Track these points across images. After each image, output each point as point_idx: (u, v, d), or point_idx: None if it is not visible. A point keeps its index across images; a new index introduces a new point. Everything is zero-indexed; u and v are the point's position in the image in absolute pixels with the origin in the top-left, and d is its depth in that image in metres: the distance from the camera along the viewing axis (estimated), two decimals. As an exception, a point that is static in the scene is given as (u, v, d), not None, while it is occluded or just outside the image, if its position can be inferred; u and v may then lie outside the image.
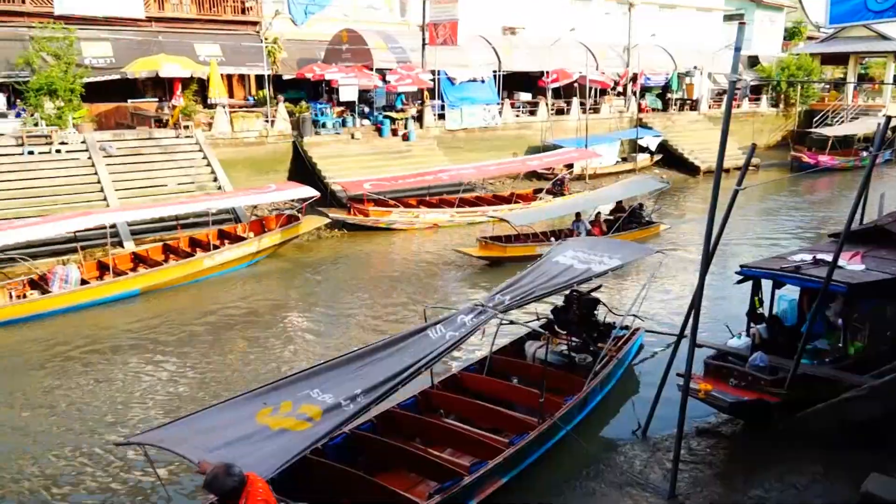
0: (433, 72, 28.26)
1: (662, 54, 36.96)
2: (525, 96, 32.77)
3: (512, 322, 9.43)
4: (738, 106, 38.34)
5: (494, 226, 18.33)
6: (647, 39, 35.93)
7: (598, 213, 19.81)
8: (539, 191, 24.46)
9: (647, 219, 20.04)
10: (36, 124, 20.12)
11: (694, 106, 37.38)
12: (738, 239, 19.65)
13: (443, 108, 28.66)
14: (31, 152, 19.36)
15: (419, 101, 28.36)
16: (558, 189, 24.55)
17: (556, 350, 10.38)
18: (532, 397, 8.80)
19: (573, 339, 10.56)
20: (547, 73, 31.68)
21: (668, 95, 37.17)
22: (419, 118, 27.61)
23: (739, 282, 9.78)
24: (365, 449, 7.97)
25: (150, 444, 5.67)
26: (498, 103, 30.13)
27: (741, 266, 9.57)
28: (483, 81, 30.17)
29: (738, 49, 7.08)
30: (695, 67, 37.21)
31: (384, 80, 27.22)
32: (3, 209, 17.48)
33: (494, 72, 30.78)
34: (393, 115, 27.04)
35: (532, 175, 27.64)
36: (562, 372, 9.81)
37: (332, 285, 16.47)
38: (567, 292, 10.71)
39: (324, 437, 6.01)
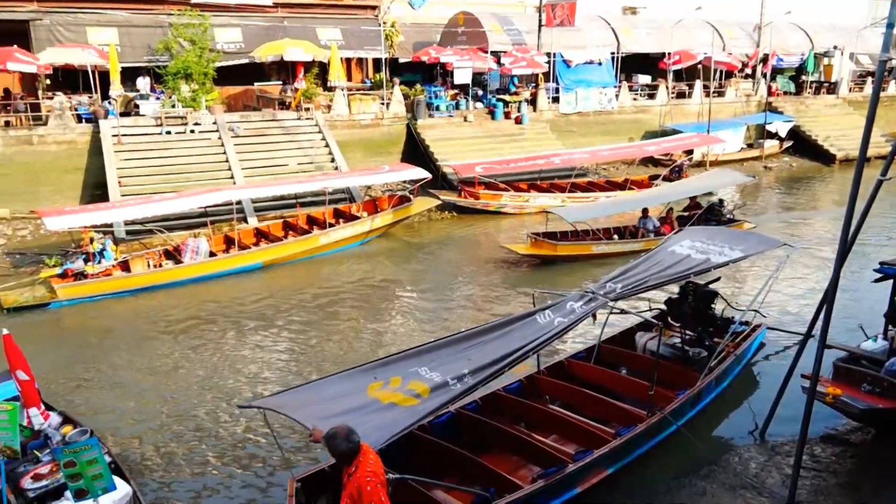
0: (548, 54, 27.81)
1: (797, 33, 34.44)
2: (644, 79, 31.60)
3: (623, 311, 9.17)
4: (885, 89, 35.14)
5: (549, 219, 16.89)
6: (782, 17, 33.56)
7: (671, 209, 17.80)
8: (655, 177, 23.57)
9: (727, 216, 17.73)
10: (173, 106, 21.62)
11: (831, 89, 34.62)
12: (877, 234, 18.09)
13: (557, 91, 28.19)
14: (168, 132, 20.85)
15: (533, 84, 28.01)
16: (676, 176, 23.55)
17: (669, 342, 10.01)
18: (641, 389, 8.55)
19: (687, 332, 10.15)
20: (668, 54, 30.37)
21: (803, 78, 34.62)
22: (532, 101, 27.29)
23: (878, 280, 9.02)
24: (469, 429, 8.06)
25: (269, 409, 6.00)
26: (615, 86, 29.25)
27: (881, 263, 8.81)
28: (600, 64, 29.36)
29: (890, 26, 6.45)
30: (834, 47, 34.44)
31: (499, 63, 27.10)
32: (143, 185, 18.99)
33: (612, 53, 29.87)
34: (506, 98, 26.89)
35: (648, 161, 26.70)
36: (674, 365, 9.46)
37: (441, 266, 16.69)
38: (682, 283, 10.29)
39: (431, 414, 6.13)
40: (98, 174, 19.54)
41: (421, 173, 18.84)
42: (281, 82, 26.64)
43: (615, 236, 16.93)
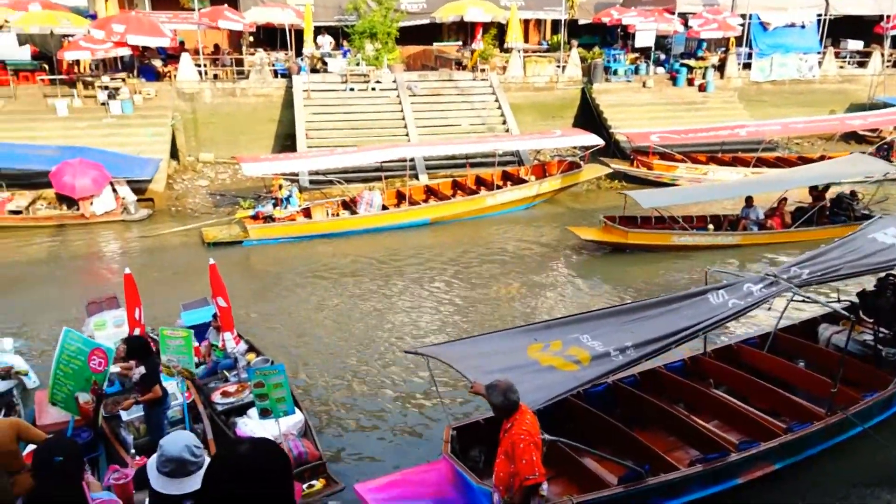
0: (743, 16, 25.62)
1: None
2: (854, 44, 28.16)
3: (806, 300, 8.43)
4: None
5: (628, 202, 14.67)
6: None
7: (784, 199, 15.28)
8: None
9: (861, 211, 14.89)
10: (357, 64, 22.72)
11: None
12: None
13: (749, 56, 25.97)
14: (352, 89, 21.98)
15: (723, 49, 26.03)
16: (884, 154, 20.93)
17: (859, 338, 9.06)
18: (821, 385, 7.87)
19: (881, 329, 9.13)
20: (888, 17, 26.76)
21: None
22: (720, 67, 25.39)
23: None
24: (625, 402, 7.91)
25: (434, 357, 6.29)
26: (819, 52, 26.37)
27: None
28: (803, 27, 26.53)
29: None
30: None
31: (686, 25, 25.42)
32: (327, 138, 20.26)
33: (819, 16, 26.86)
34: (691, 63, 25.26)
35: (850, 137, 23.94)
36: (863, 364, 8.58)
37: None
38: (882, 275, 9.23)
39: (590, 382, 6.10)
40: (289, 126, 21.14)
41: (593, 140, 18.36)
42: (459, 43, 26.97)
43: (710, 226, 15.17)
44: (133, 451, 6.94)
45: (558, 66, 24.38)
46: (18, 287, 13.30)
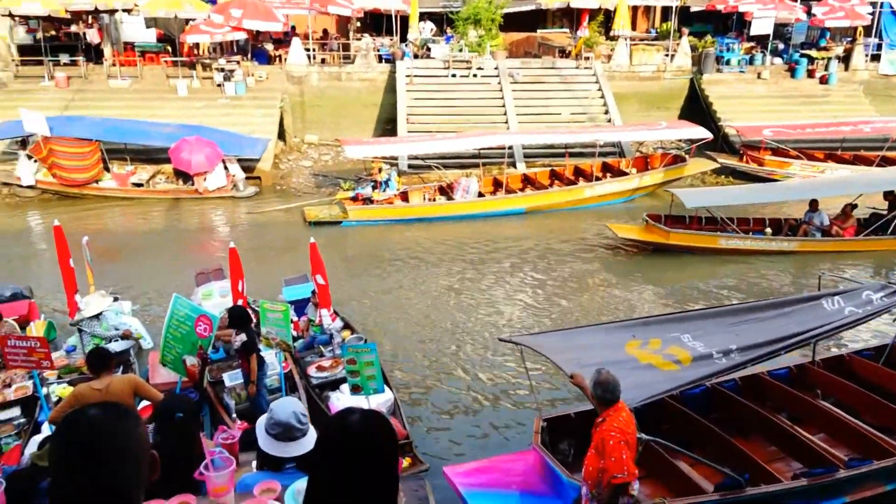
0: (874, 3, 23.76)
1: None
2: None
3: (935, 313, 7.76)
4: None
5: (673, 201, 13.80)
6: None
7: (851, 204, 13.92)
8: None
9: None
10: (460, 50, 22.76)
11: None
12: None
13: (879, 47, 24.08)
14: (453, 75, 22.06)
15: (848, 39, 24.25)
16: None
17: None
18: (947, 406, 7.25)
19: None
20: None
21: None
22: (845, 59, 23.69)
23: None
24: (723, 407, 7.57)
25: (529, 347, 6.25)
26: (960, 44, 24.12)
27: None
28: (943, 15, 24.35)
29: None
30: None
31: (809, 13, 23.85)
32: (427, 123, 20.46)
33: (963, 3, 24.53)
34: (812, 53, 23.70)
35: None
36: None
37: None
38: None
39: (691, 384, 5.88)
40: (390, 110, 21.49)
41: (701, 132, 17.59)
42: (564, 30, 26.50)
43: (768, 230, 14.09)
44: (234, 415, 7.32)
45: (666, 55, 23.50)
46: (137, 254, 14.26)
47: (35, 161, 17.32)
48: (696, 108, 22.54)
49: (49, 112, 17.86)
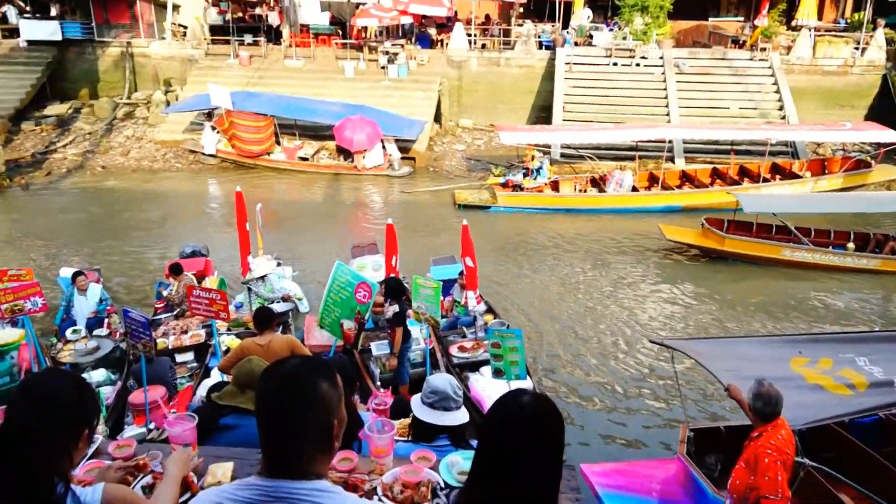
0: None
1: None
2: None
3: None
4: None
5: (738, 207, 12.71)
6: None
7: None
8: None
9: None
10: (624, 38, 21.99)
11: None
12: None
13: None
14: (615, 64, 21.39)
15: None
16: None
17: None
18: None
19: None
20: None
21: None
22: None
23: None
24: (898, 442, 6.81)
25: (681, 351, 5.96)
26: None
27: None
28: None
29: None
30: None
31: None
32: (584, 112, 20.03)
33: None
34: None
35: None
36: None
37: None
38: None
39: (865, 412, 5.34)
40: (546, 98, 21.26)
41: (891, 136, 15.80)
42: (740, 18, 24.79)
43: (850, 244, 12.30)
44: (378, 383, 7.63)
45: (856, 48, 21.28)
46: (299, 223, 15.22)
47: (218, 132, 18.97)
48: (889, 108, 20.24)
49: (232, 88, 19.44)
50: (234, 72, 22.05)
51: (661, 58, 21.24)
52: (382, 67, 21.86)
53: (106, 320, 8.92)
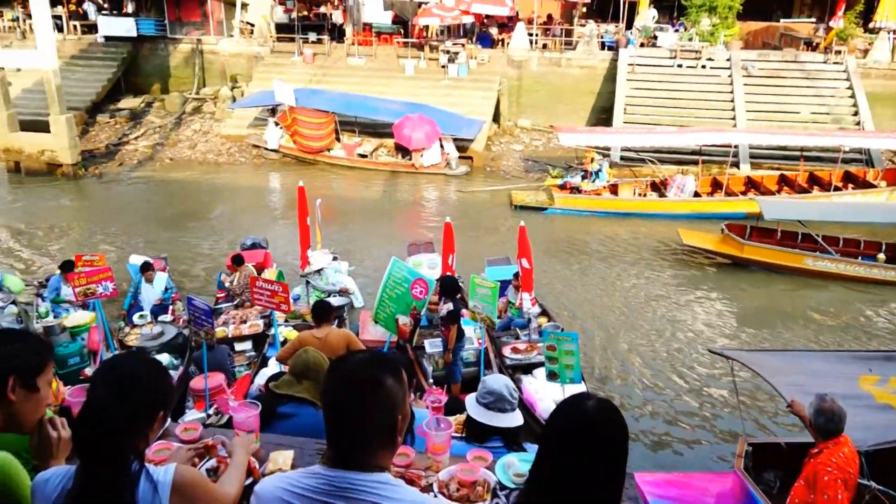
0: None
1: None
2: None
3: None
4: None
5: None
6: None
7: None
8: None
9: None
10: (690, 39, 21.48)
11: None
12: None
13: None
14: (679, 65, 20.91)
15: None
16: None
17: None
18: None
19: None
20: None
21: None
22: None
23: None
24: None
25: (741, 363, 5.79)
26: None
27: None
28: None
29: None
30: None
31: None
32: (646, 114, 19.67)
33: None
34: None
35: None
36: None
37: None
38: None
39: (940, 435, 5.07)
40: (607, 99, 20.95)
41: (977, 145, 14.98)
42: (813, 20, 23.89)
43: (882, 255, 11.65)
44: (430, 380, 7.67)
45: (941, 53, 20.24)
46: (355, 219, 15.43)
47: (280, 128, 19.41)
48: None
49: (296, 85, 19.85)
50: (298, 69, 22.50)
51: (728, 60, 20.65)
52: (443, 66, 21.94)
53: (170, 307, 9.25)
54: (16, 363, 1.89)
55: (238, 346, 8.54)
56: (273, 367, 7.35)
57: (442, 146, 18.61)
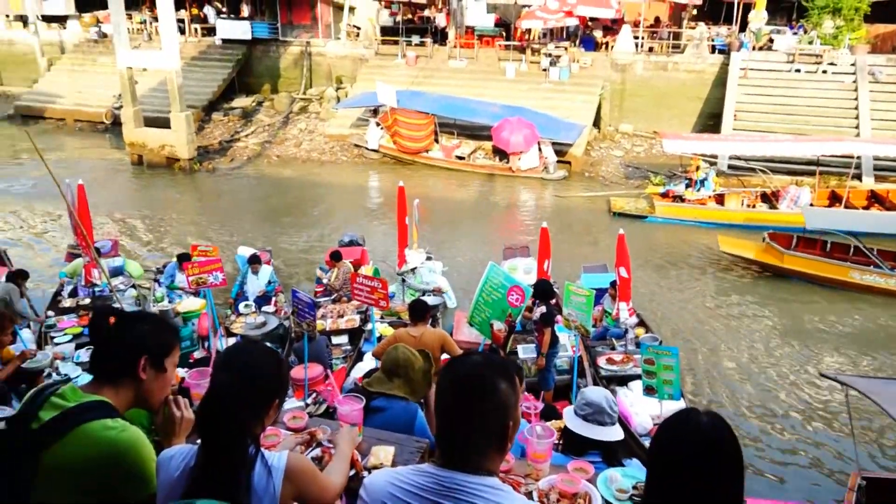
0: None
1: None
2: None
3: None
4: None
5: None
6: None
7: None
8: None
9: None
10: (810, 42, 20.27)
11: None
12: None
13: None
14: (797, 70, 19.77)
15: None
16: None
17: None
18: None
19: None
20: None
21: None
22: None
23: None
24: None
25: (860, 391, 5.38)
26: None
27: None
28: None
29: None
30: None
31: None
32: (758, 121, 18.73)
33: None
34: None
35: None
36: None
37: None
38: None
39: None
40: (715, 105, 20.11)
41: None
42: (952, 23, 22.00)
43: None
44: (522, 386, 7.59)
45: None
46: (450, 220, 15.54)
47: (381, 128, 19.84)
48: None
49: (398, 86, 20.23)
50: (401, 71, 22.93)
51: (852, 65, 19.33)
52: (544, 70, 21.75)
53: (273, 299, 9.63)
54: (148, 344, 2.00)
55: (335, 340, 8.78)
56: (368, 361, 7.52)
57: (540, 150, 18.45)
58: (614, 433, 3.10)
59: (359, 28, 25.35)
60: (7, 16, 29.10)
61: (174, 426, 2.08)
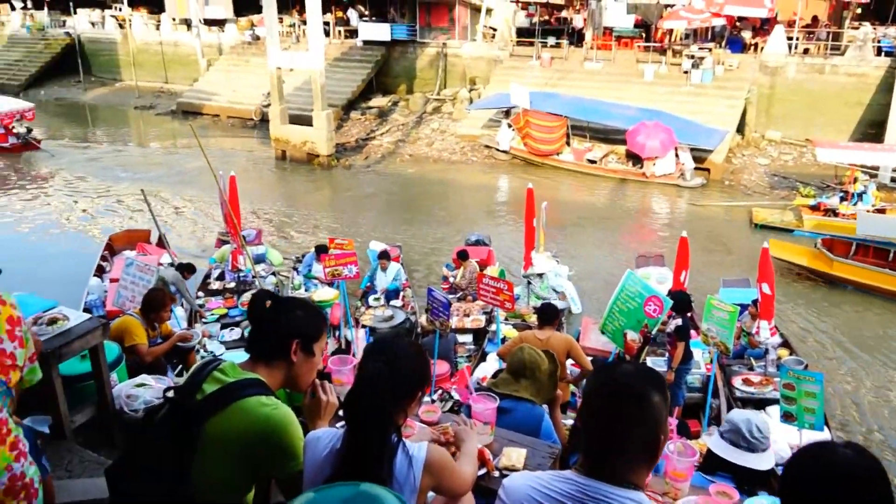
0: None
1: None
2: None
3: None
4: None
5: None
6: None
7: None
8: None
9: None
10: None
11: None
12: None
13: None
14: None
15: None
16: None
17: None
18: None
19: None
20: None
21: None
22: None
23: None
24: None
25: None
26: None
27: None
28: None
29: None
30: None
31: None
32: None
33: None
34: None
35: None
36: None
37: None
38: None
39: None
40: (879, 112, 18.39)
41: None
42: None
43: None
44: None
45: None
46: (579, 223, 15.25)
47: (513, 129, 19.83)
48: None
49: (531, 88, 20.13)
50: (535, 72, 22.80)
51: None
52: (685, 72, 20.82)
53: (401, 293, 9.88)
54: (301, 329, 2.10)
55: (460, 338, 8.87)
56: (492, 362, 7.52)
57: (677, 156, 17.68)
58: (754, 460, 2.91)
59: (495, 29, 25.48)
60: (173, 19, 31.91)
61: (320, 409, 2.17)
